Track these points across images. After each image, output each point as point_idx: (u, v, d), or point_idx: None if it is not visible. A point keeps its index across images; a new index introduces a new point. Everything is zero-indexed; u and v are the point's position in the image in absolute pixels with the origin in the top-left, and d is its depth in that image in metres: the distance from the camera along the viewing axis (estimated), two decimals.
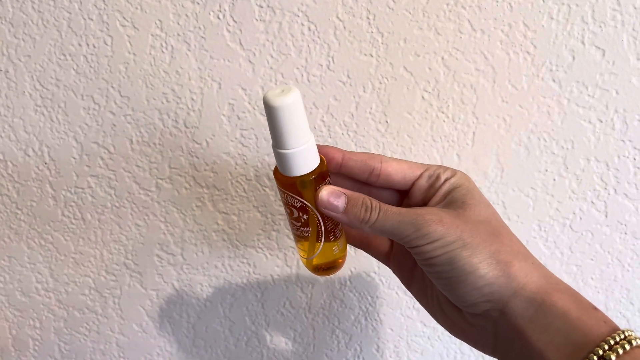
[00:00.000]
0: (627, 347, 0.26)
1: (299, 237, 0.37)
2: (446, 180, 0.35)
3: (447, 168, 0.35)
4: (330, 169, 0.36)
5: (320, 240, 0.36)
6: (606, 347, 0.27)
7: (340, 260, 0.38)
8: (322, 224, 0.35)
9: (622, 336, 0.27)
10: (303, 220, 0.35)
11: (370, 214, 0.32)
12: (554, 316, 0.29)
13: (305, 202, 0.34)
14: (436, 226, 0.31)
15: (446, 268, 0.31)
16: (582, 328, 0.28)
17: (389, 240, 0.40)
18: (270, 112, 0.31)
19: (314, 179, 0.34)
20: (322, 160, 0.35)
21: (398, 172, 0.35)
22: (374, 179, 0.35)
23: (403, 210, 0.32)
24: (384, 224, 0.32)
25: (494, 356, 0.33)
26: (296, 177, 0.33)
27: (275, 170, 0.35)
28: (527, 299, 0.30)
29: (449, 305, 0.34)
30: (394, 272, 0.40)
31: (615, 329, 0.28)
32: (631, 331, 0.28)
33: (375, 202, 0.33)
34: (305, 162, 0.33)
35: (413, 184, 0.36)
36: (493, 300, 0.30)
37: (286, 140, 0.32)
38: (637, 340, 0.27)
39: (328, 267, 0.38)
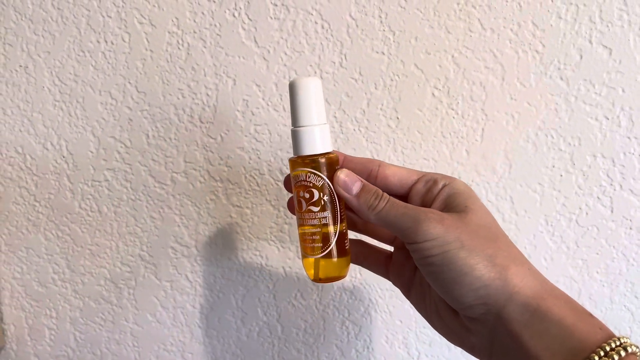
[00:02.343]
0: (623, 353, 0.27)
1: (315, 227, 0.36)
2: (445, 185, 0.35)
3: (444, 175, 0.36)
4: None
5: (337, 223, 0.36)
6: (602, 353, 0.27)
7: (345, 270, 0.38)
8: (339, 210, 0.36)
9: (618, 343, 0.27)
10: (322, 203, 0.35)
11: (379, 202, 0.34)
12: (549, 322, 0.29)
13: (328, 180, 0.35)
14: (436, 224, 0.31)
15: (443, 268, 0.31)
16: (577, 334, 0.28)
17: (389, 253, 0.41)
18: (310, 88, 0.35)
19: (335, 160, 0.36)
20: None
21: (395, 176, 0.37)
22: (371, 181, 0.36)
23: (409, 205, 0.33)
24: (388, 214, 0.33)
25: None
26: (324, 153, 0.36)
27: (297, 156, 0.36)
28: (522, 303, 0.30)
29: (447, 310, 0.34)
30: (394, 281, 0.40)
31: (610, 336, 0.28)
32: (626, 338, 0.28)
33: (385, 194, 0.34)
34: (329, 139, 0.36)
35: (410, 189, 0.36)
36: (489, 303, 0.30)
37: (320, 114, 0.36)
38: (632, 347, 0.27)
39: (334, 274, 0.38)
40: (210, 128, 0.55)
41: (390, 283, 0.41)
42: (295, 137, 0.36)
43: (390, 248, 0.41)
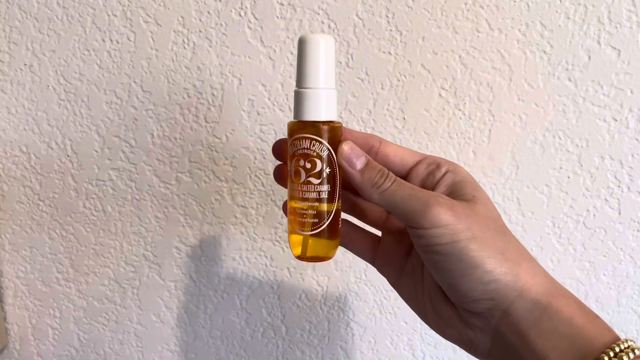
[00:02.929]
0: (632, 355, 0.26)
1: (312, 202, 0.33)
2: (448, 171, 0.33)
3: (446, 160, 0.34)
4: None
5: (334, 200, 0.33)
6: (612, 354, 0.26)
7: (333, 251, 0.35)
8: (338, 185, 0.33)
9: (626, 345, 0.27)
10: (324, 176, 0.33)
11: (385, 180, 0.31)
12: (559, 321, 0.28)
13: (332, 150, 0.32)
14: (447, 210, 0.29)
15: (452, 258, 0.29)
16: (586, 335, 0.27)
17: (376, 237, 0.38)
18: (321, 47, 0.32)
19: (340, 130, 0.34)
20: None
21: (397, 155, 0.34)
22: (372, 157, 0.34)
23: (417, 187, 0.31)
24: (394, 194, 0.31)
25: None
26: (330, 121, 0.33)
27: (300, 121, 0.33)
28: (533, 300, 0.28)
29: (443, 302, 0.32)
30: (381, 267, 0.37)
31: (617, 338, 0.27)
32: (632, 341, 0.27)
33: (391, 173, 0.32)
34: (336, 107, 0.33)
35: (411, 170, 0.34)
36: (497, 298, 0.29)
37: (330, 77, 0.32)
38: (637, 350, 0.27)
39: (322, 254, 0.35)
40: (215, 128, 0.54)
41: None
42: (301, 98, 0.32)
43: (378, 232, 0.38)
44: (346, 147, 0.32)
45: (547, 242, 0.53)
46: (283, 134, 0.54)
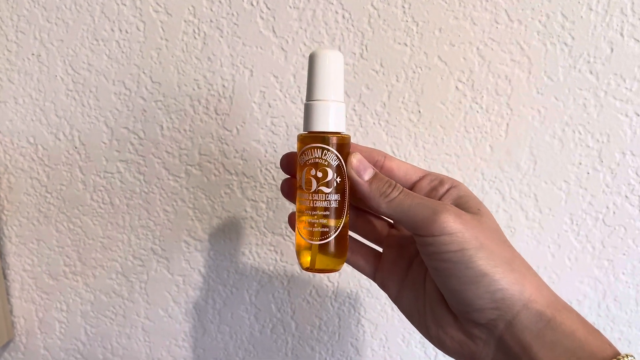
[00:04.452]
0: None
1: (323, 210, 0.34)
2: (452, 187, 0.34)
3: (449, 177, 0.35)
4: None
5: (344, 211, 0.34)
6: None
7: (341, 263, 0.36)
8: (347, 196, 0.34)
9: (627, 359, 0.27)
10: (335, 185, 0.33)
11: (392, 190, 0.32)
12: (562, 333, 0.28)
13: (343, 160, 0.34)
14: (456, 218, 0.30)
15: (459, 266, 0.29)
16: (589, 348, 0.28)
17: (377, 252, 0.38)
18: (332, 62, 0.33)
19: (349, 142, 0.35)
20: None
21: (401, 169, 0.35)
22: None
23: (424, 197, 0.32)
24: (402, 202, 0.31)
25: None
26: (340, 133, 0.34)
27: (311, 132, 0.34)
28: (537, 312, 0.29)
29: (445, 314, 0.32)
30: (382, 281, 0.37)
31: (618, 352, 0.28)
32: (632, 356, 0.28)
33: (398, 184, 0.33)
34: (344, 120, 0.35)
35: (414, 185, 0.35)
36: (503, 308, 0.29)
37: (339, 90, 0.34)
38: None
39: (330, 265, 0.35)
40: (226, 120, 0.53)
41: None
42: (312, 110, 0.34)
43: (379, 248, 0.39)
44: (354, 159, 0.34)
45: (565, 239, 0.52)
46: (295, 126, 0.53)
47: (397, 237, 0.38)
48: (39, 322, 0.62)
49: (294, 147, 0.53)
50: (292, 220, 0.38)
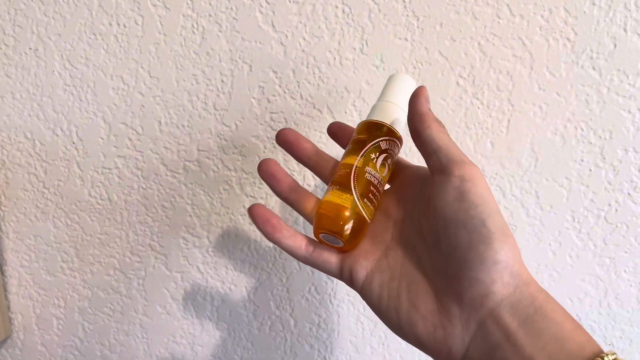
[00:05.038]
0: None
1: (378, 193, 0.36)
2: None
3: None
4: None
5: (378, 202, 0.37)
6: None
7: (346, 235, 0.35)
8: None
9: (613, 357, 0.26)
10: (388, 167, 0.36)
11: (443, 127, 0.34)
12: (551, 322, 0.27)
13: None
14: (483, 177, 0.31)
15: (476, 222, 0.29)
16: (577, 340, 0.27)
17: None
18: (410, 83, 0.39)
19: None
20: None
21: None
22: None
23: None
24: (447, 137, 0.33)
25: None
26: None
27: (381, 123, 0.37)
28: (530, 296, 0.28)
29: (424, 290, 0.31)
30: (351, 266, 0.35)
31: (601, 350, 0.27)
32: (614, 353, 0.26)
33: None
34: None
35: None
36: (497, 283, 0.28)
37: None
38: None
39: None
40: (224, 115, 0.53)
41: None
42: (391, 109, 0.37)
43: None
44: (425, 88, 0.34)
45: (566, 237, 0.51)
46: (294, 122, 0.52)
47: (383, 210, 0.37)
48: (37, 318, 0.62)
49: None
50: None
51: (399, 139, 0.37)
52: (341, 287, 0.56)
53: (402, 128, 0.37)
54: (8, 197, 0.58)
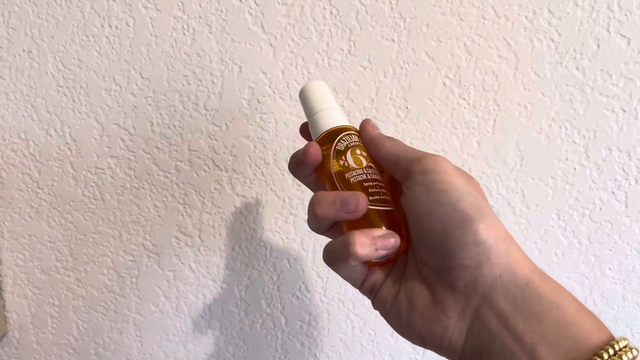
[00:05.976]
0: (630, 355, 0.23)
1: (379, 182, 0.33)
2: None
3: None
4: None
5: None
6: (611, 351, 0.23)
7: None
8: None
9: (624, 343, 0.24)
10: (374, 165, 0.34)
11: (396, 140, 0.33)
12: (550, 304, 0.24)
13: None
14: (448, 162, 0.30)
15: (446, 208, 0.27)
16: (583, 325, 0.24)
17: None
18: (320, 87, 0.37)
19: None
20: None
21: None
22: None
23: None
24: (402, 145, 0.32)
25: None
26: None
27: (338, 127, 0.35)
28: (524, 277, 0.26)
29: (419, 285, 0.30)
30: (376, 278, 0.33)
31: (612, 337, 0.24)
32: (626, 339, 0.24)
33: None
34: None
35: None
36: (485, 265, 0.26)
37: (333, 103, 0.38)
38: (634, 350, 0.24)
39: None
40: (215, 116, 0.53)
41: None
42: (328, 115, 0.35)
43: None
44: (369, 120, 0.35)
45: (552, 235, 0.52)
46: (284, 122, 0.53)
47: None
48: (32, 317, 0.62)
49: (283, 143, 0.53)
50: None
51: (350, 129, 0.35)
52: (331, 285, 0.57)
53: (346, 119, 0.36)
54: (2, 197, 0.59)
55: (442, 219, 0.27)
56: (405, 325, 0.30)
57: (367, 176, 0.32)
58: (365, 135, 0.34)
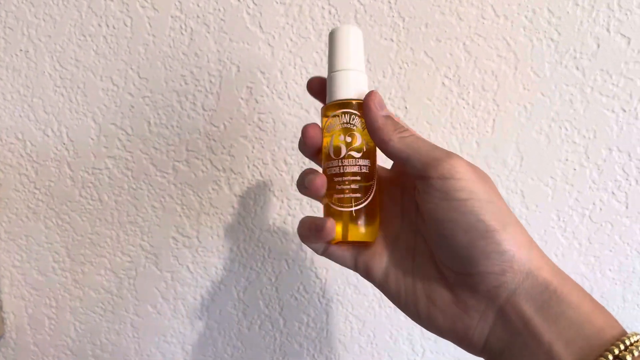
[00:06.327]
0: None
1: (355, 175, 0.32)
2: None
3: None
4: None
5: (374, 176, 0.33)
6: (622, 346, 0.25)
7: (375, 233, 0.33)
8: (375, 162, 0.33)
9: (636, 338, 0.25)
10: (364, 150, 0.32)
11: (405, 130, 0.31)
12: (567, 305, 0.26)
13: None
14: (467, 166, 0.28)
15: (470, 218, 0.27)
16: (596, 323, 0.26)
17: None
18: (351, 35, 0.34)
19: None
20: None
21: None
22: None
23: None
24: (415, 142, 0.30)
25: (481, 356, 0.29)
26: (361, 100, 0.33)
27: (336, 100, 0.33)
28: (544, 281, 0.27)
29: (438, 285, 0.30)
30: (366, 265, 0.34)
31: (625, 332, 0.26)
32: (638, 334, 0.26)
33: (411, 129, 0.32)
34: (367, 90, 0.34)
35: None
36: (508, 273, 0.27)
37: (360, 62, 0.34)
38: None
39: (364, 237, 0.33)
40: (213, 116, 0.53)
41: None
42: (335, 80, 0.33)
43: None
44: (375, 94, 0.32)
45: (552, 235, 0.52)
46: (282, 122, 0.53)
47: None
48: (29, 318, 0.62)
49: (281, 143, 0.53)
50: (317, 183, 0.33)
51: (348, 104, 0.33)
52: (330, 286, 0.56)
53: (357, 86, 0.33)
54: None
55: (465, 229, 0.28)
56: (426, 318, 0.31)
57: (340, 169, 0.32)
58: (369, 121, 0.31)
